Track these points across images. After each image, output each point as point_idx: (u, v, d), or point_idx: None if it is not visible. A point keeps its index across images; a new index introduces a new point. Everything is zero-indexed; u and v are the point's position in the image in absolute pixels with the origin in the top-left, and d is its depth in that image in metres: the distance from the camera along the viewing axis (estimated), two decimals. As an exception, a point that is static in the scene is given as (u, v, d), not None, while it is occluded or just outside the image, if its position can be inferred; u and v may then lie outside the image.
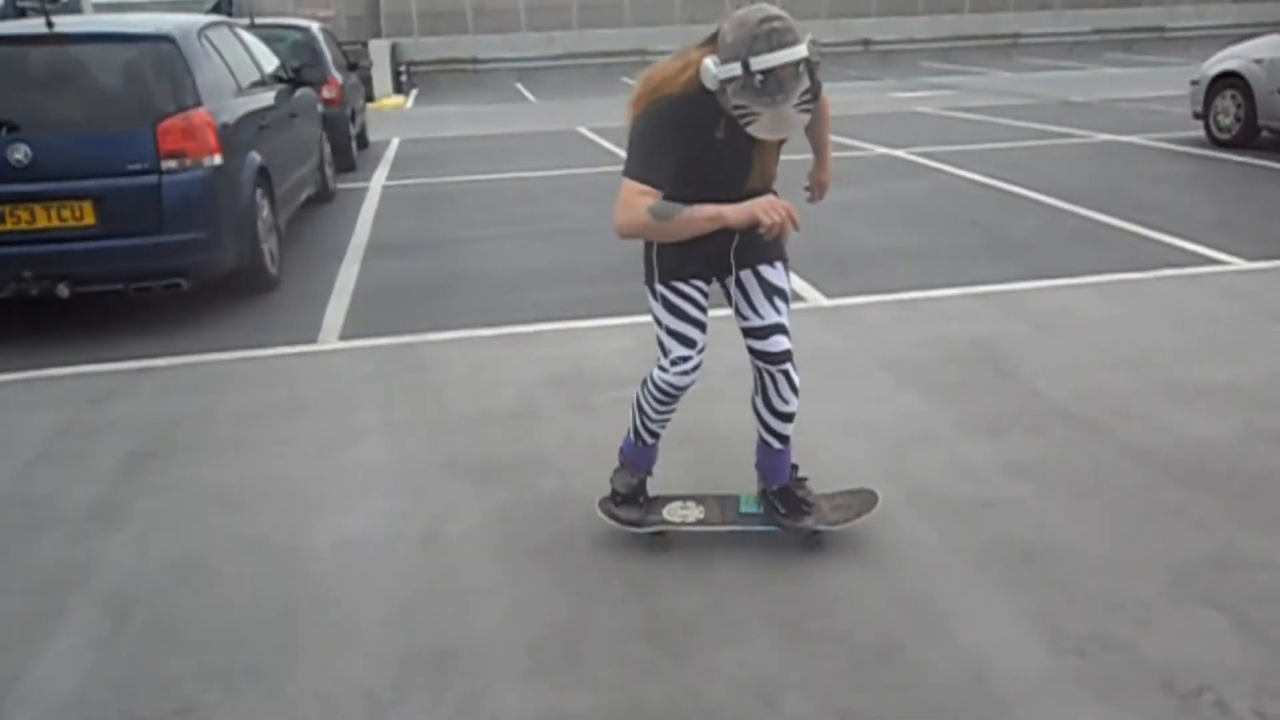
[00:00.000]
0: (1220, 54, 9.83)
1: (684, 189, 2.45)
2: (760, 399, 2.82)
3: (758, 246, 2.65)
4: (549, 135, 13.33)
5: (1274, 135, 9.37)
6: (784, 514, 2.90)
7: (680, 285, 2.69)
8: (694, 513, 2.98)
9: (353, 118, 10.76)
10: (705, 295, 2.74)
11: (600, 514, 2.99)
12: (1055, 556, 2.85)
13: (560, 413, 3.99)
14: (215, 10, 27.22)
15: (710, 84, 2.33)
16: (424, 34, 26.84)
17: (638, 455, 2.98)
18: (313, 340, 5.02)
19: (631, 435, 2.96)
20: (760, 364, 2.77)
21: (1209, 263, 5.80)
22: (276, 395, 4.30)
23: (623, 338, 4.78)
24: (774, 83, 2.23)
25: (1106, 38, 27.96)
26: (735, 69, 2.25)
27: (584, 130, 13.54)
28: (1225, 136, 9.61)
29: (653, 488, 3.06)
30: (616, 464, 3.03)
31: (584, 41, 27.47)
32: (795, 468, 2.95)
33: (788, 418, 2.82)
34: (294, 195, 7.12)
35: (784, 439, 2.86)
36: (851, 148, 10.59)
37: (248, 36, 7.32)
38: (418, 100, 21.96)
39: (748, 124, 2.32)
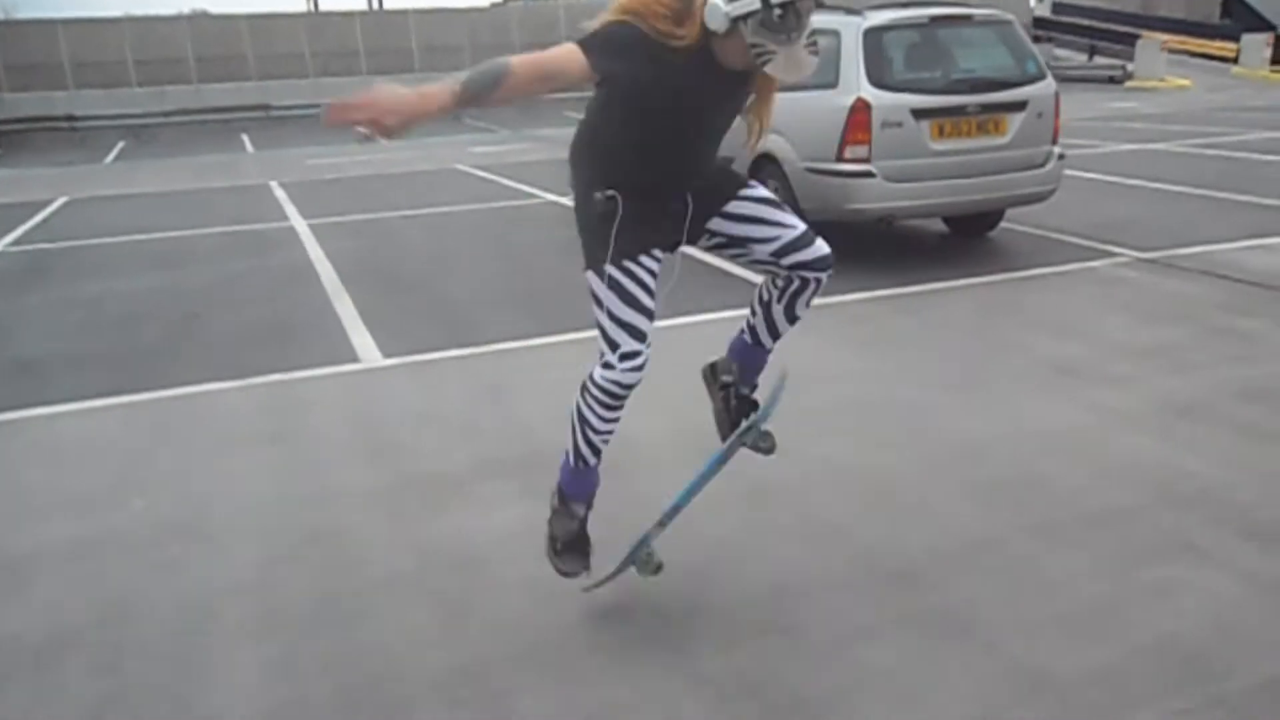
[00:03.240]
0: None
1: (632, 122, 2.36)
2: (782, 305, 2.66)
3: (718, 189, 2.54)
4: (15, 207, 11.70)
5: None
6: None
7: (633, 265, 2.44)
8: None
9: None
10: (655, 277, 2.48)
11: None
12: None
13: None
14: None
15: (719, 24, 2.21)
16: (14, 89, 24.29)
17: (576, 482, 2.62)
18: None
19: (570, 459, 2.60)
20: (806, 273, 2.58)
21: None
22: None
23: None
24: (792, 16, 2.19)
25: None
26: (754, 3, 2.18)
27: (58, 200, 12.03)
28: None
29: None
30: (552, 505, 2.68)
31: (201, 97, 25.71)
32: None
33: (797, 322, 2.74)
34: None
35: (778, 339, 2.79)
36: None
37: None
38: (-17, 164, 19.58)
39: (764, 63, 2.24)
